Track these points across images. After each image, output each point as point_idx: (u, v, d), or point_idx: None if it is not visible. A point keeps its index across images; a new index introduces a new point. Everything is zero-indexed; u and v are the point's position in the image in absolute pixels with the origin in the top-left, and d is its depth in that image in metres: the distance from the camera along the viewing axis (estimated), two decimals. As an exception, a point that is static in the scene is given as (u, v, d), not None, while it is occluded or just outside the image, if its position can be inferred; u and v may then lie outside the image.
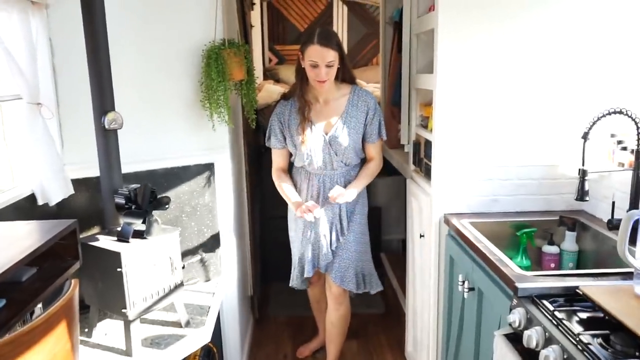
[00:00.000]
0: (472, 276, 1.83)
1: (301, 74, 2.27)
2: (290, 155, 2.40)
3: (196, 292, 2.29)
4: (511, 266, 1.59)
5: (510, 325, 1.43)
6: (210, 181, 2.32)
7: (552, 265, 1.99)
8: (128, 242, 1.78)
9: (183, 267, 2.00)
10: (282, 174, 2.41)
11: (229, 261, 2.45)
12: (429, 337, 2.33)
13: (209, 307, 2.17)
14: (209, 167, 2.31)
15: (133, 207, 1.79)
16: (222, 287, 2.40)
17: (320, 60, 2.14)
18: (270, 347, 2.93)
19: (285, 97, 2.37)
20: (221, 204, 2.37)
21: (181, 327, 2.00)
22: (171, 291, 1.93)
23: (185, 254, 2.30)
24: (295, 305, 3.20)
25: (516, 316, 1.39)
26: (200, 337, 1.99)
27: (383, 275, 3.83)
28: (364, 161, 2.41)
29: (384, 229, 3.93)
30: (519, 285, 1.45)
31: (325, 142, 2.27)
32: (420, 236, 2.31)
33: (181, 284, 1.97)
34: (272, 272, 3.53)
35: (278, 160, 2.42)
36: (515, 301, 1.45)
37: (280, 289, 3.35)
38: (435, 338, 2.31)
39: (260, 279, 3.28)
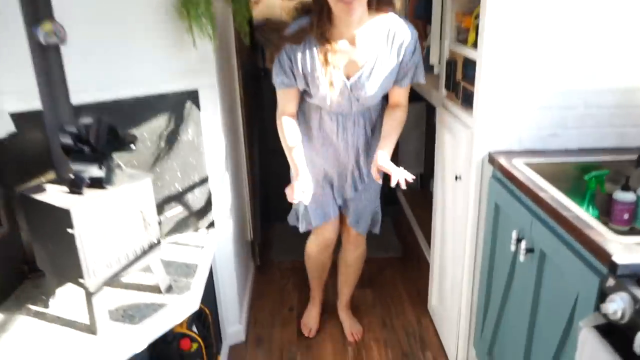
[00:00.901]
0: (532, 234, 1.41)
1: (320, 2, 1.68)
2: (301, 94, 1.89)
3: (182, 247, 1.90)
4: (597, 228, 1.17)
5: (604, 315, 1.02)
6: (194, 112, 1.86)
7: (626, 216, 1.56)
8: (81, 194, 1.36)
9: (160, 222, 1.59)
10: (289, 124, 1.87)
11: (221, 207, 2.04)
12: (461, 297, 1.96)
13: (197, 266, 1.78)
14: (191, 95, 1.85)
15: (86, 148, 1.35)
16: (213, 238, 2.00)
17: None
18: (274, 299, 2.59)
19: (295, 39, 1.75)
20: (209, 140, 1.93)
21: (161, 293, 1.62)
22: (145, 253, 1.53)
23: (165, 204, 1.88)
24: (300, 248, 2.80)
25: (617, 305, 0.98)
26: (185, 305, 1.61)
27: (400, 213, 3.44)
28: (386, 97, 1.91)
29: (401, 163, 3.46)
30: (619, 259, 1.03)
31: (346, 87, 1.77)
32: (456, 178, 1.88)
33: (158, 243, 1.57)
34: (274, 213, 3.12)
35: (285, 103, 1.87)
36: (612, 281, 1.04)
37: (283, 231, 2.98)
38: (468, 299, 1.94)
39: (260, 221, 2.89)
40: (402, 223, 3.32)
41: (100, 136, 1.35)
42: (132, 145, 1.44)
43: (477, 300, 1.92)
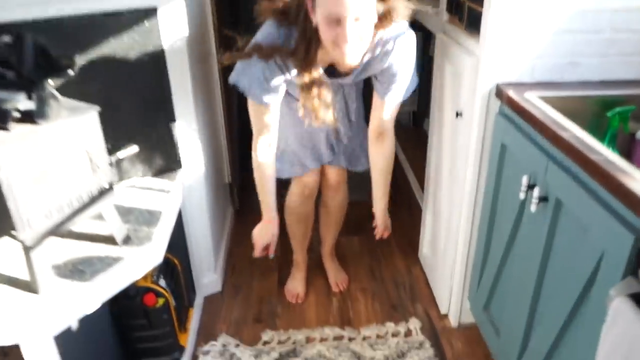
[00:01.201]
0: (546, 180, 1.21)
1: (304, 22, 1.37)
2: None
3: (144, 192, 1.68)
4: (633, 174, 0.96)
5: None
6: (155, 35, 1.59)
7: (650, 159, 1.36)
8: (6, 129, 1.12)
9: (112, 164, 1.36)
10: (266, 166, 1.64)
11: (190, 146, 1.81)
12: (457, 247, 1.78)
13: (161, 213, 1.57)
14: (150, 14, 1.57)
15: (9, 73, 1.10)
16: (181, 181, 1.78)
17: (343, 8, 1.24)
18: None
19: (264, 55, 1.41)
20: (174, 68, 1.66)
21: (117, 245, 1.42)
22: (94, 199, 1.31)
23: (122, 143, 1.63)
24: (282, 191, 2.63)
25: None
26: (146, 257, 1.41)
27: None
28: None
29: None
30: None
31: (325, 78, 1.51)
32: (456, 115, 1.65)
33: (110, 189, 1.35)
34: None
35: (264, 122, 1.55)
36: (655, 243, 0.84)
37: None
38: (465, 249, 1.76)
39: (240, 163, 2.67)
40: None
41: (26, 57, 1.09)
42: (69, 71, 1.19)
43: (474, 251, 1.74)
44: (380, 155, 1.72)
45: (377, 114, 1.63)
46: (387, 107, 1.60)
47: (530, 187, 1.25)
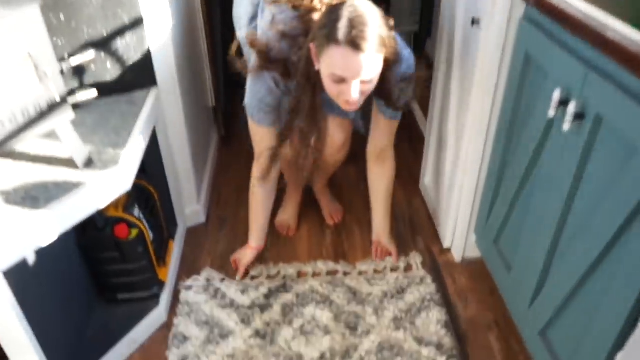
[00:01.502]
0: (584, 94, 1.00)
1: (306, 68, 1.33)
2: None
3: (110, 110, 1.47)
4: None
5: None
6: None
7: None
8: None
9: (64, 73, 1.14)
10: (263, 186, 1.67)
11: (164, 60, 1.58)
12: (465, 175, 1.61)
13: (130, 134, 1.37)
14: None
15: None
16: (154, 99, 1.57)
17: (351, 73, 1.23)
18: (241, 175, 2.21)
19: (275, 67, 1.39)
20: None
21: (77, 168, 1.22)
22: (44, 115, 1.11)
23: (76, 48, 1.41)
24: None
25: None
26: (112, 183, 1.23)
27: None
28: None
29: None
30: None
31: None
32: (472, 22, 1.42)
33: (63, 102, 1.14)
34: (244, 79, 2.65)
35: (268, 144, 1.56)
36: None
37: (254, 97, 2.53)
38: (474, 177, 1.58)
39: (227, 87, 2.43)
40: (391, 90, 2.88)
41: None
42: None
43: (484, 180, 1.57)
44: (381, 177, 1.71)
45: (378, 133, 1.61)
46: (391, 125, 1.60)
47: (563, 103, 1.06)
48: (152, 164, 1.69)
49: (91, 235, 1.42)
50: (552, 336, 1.23)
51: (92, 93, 1.29)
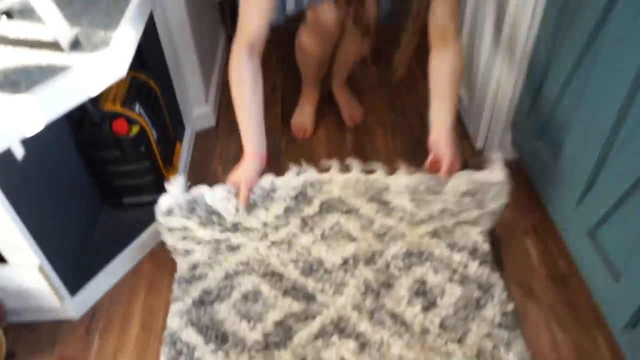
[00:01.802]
0: None
1: None
2: None
3: (101, -12, 1.29)
4: None
5: None
6: None
7: None
8: None
9: None
10: (249, 65, 1.21)
11: None
12: (502, 64, 1.42)
13: (122, 14, 1.19)
14: None
15: None
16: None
17: None
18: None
19: None
20: None
21: (62, 51, 1.07)
22: (14, -23, 0.94)
23: None
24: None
25: None
26: (103, 68, 1.07)
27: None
28: None
29: None
30: None
31: None
32: None
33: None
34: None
35: (254, 19, 1.20)
36: None
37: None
38: (518, 64, 1.39)
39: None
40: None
41: None
42: None
43: (527, 66, 1.38)
44: (442, 61, 1.25)
45: (436, 7, 1.21)
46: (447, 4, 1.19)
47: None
48: (153, 59, 1.53)
49: (88, 131, 1.29)
50: (603, 236, 1.10)
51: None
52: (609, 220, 1.07)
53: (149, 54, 1.50)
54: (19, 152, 1.09)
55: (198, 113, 1.77)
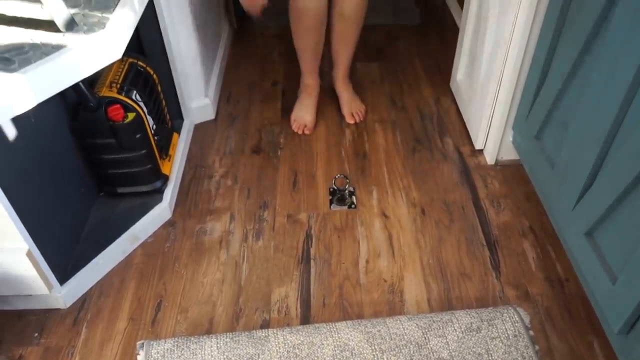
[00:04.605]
0: None
1: None
2: None
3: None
4: None
5: None
6: None
7: None
8: None
9: None
10: None
11: None
12: (505, 62, 1.40)
13: (121, -3, 1.18)
14: None
15: None
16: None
17: None
18: (254, 70, 2.04)
19: None
20: None
21: (59, 32, 1.05)
22: (9, -47, 0.92)
23: None
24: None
25: None
26: (98, 49, 1.06)
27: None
28: None
29: None
30: None
31: None
32: None
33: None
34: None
35: None
36: None
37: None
38: (516, 64, 1.38)
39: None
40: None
41: None
42: None
43: (529, 63, 1.36)
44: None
45: None
46: None
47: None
48: (152, 46, 1.52)
49: (83, 117, 1.27)
50: (600, 238, 1.08)
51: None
52: (606, 222, 1.04)
53: (149, 42, 1.48)
54: (11, 132, 1.08)
55: (197, 105, 1.76)
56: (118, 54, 1.10)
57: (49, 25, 1.06)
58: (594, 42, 1.06)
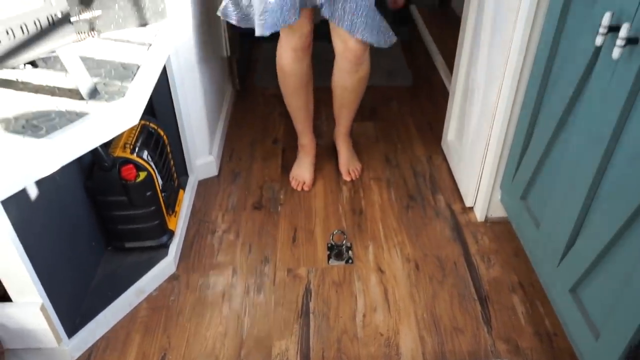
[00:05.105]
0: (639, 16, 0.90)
1: None
2: None
3: (120, 44, 1.39)
4: None
5: None
6: None
7: None
8: None
9: (67, -11, 1.06)
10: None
11: (177, -4, 1.49)
12: (492, 124, 1.51)
13: (138, 67, 1.28)
14: None
15: None
16: (166, 35, 1.48)
17: None
18: (256, 129, 2.15)
19: None
20: None
21: (83, 100, 1.15)
22: (46, 32, 1.03)
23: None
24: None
25: None
26: (117, 115, 1.15)
27: (412, 36, 2.87)
28: None
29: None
30: None
31: None
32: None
33: (66, 21, 1.06)
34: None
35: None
36: None
37: (272, 52, 2.43)
38: (503, 126, 1.48)
39: (243, 37, 2.33)
40: (415, 47, 2.76)
41: None
42: None
43: (514, 129, 1.47)
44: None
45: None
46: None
47: (613, 28, 0.95)
48: (163, 109, 1.62)
49: (98, 176, 1.36)
50: (583, 295, 1.15)
51: (96, 12, 1.20)
52: (588, 279, 1.12)
53: (160, 104, 1.59)
54: (33, 193, 1.15)
55: (202, 162, 1.85)
56: (135, 120, 1.20)
57: (73, 93, 1.15)
58: (571, 113, 1.17)
